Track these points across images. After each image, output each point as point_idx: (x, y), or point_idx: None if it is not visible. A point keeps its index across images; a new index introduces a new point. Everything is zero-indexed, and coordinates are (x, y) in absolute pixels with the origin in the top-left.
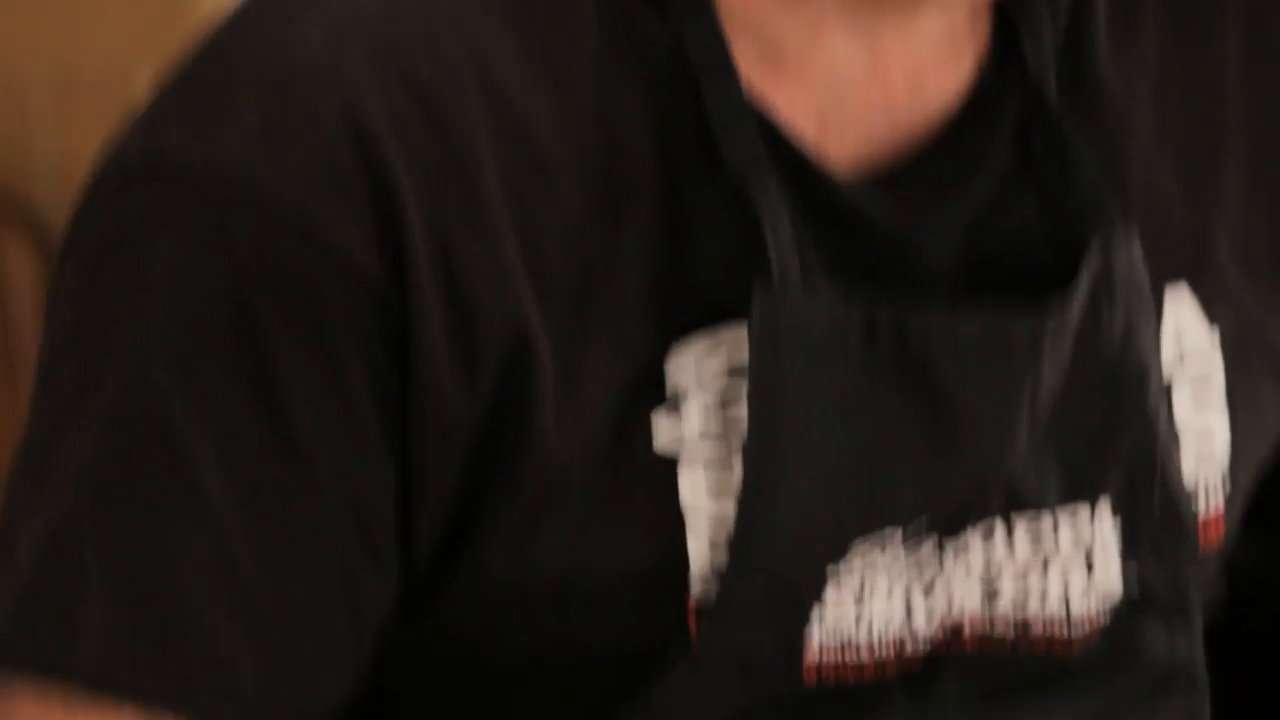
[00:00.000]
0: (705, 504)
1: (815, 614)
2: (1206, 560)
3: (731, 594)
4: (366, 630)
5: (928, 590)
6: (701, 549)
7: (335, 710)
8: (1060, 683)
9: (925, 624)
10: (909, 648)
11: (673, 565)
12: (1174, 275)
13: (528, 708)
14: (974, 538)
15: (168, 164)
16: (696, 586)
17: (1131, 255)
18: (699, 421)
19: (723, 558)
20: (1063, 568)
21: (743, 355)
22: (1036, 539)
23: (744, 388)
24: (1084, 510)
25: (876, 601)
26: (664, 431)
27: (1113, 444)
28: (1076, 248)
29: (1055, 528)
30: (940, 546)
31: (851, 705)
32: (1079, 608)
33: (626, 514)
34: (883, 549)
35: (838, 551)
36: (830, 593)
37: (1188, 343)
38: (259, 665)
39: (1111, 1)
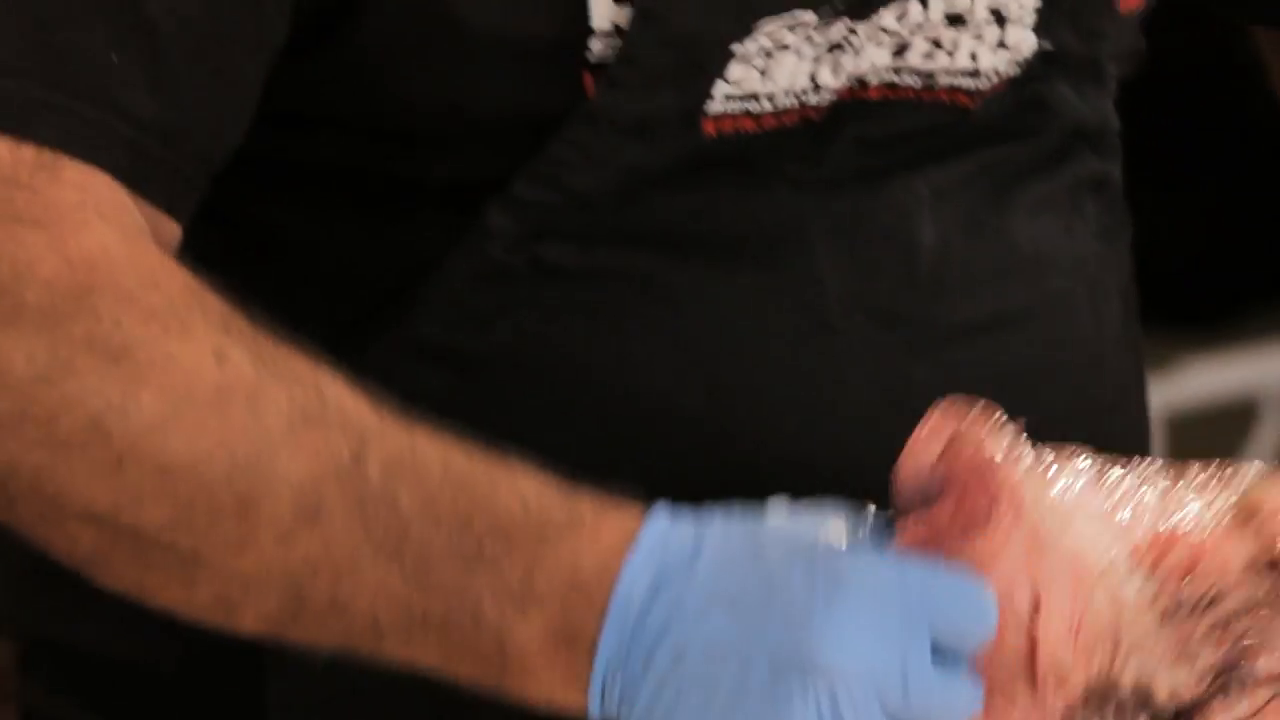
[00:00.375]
0: None
1: (717, 90)
2: (1125, 21)
3: (633, 57)
4: (263, 66)
5: (835, 64)
6: (605, 6)
7: (228, 149)
8: (965, 143)
9: (831, 80)
10: (812, 99)
11: (574, 21)
12: None
13: (427, 166)
14: (888, 17)
15: None
16: (596, 45)
17: None
18: None
19: (624, 19)
20: (975, 31)
21: None
22: (951, 8)
23: None
24: None
25: (781, 78)
26: None
27: None
28: None
29: (972, 2)
30: (853, 30)
31: (748, 170)
32: (987, 63)
33: None
34: (792, 29)
35: (743, 28)
36: (734, 69)
37: None
38: (154, 99)
39: None
